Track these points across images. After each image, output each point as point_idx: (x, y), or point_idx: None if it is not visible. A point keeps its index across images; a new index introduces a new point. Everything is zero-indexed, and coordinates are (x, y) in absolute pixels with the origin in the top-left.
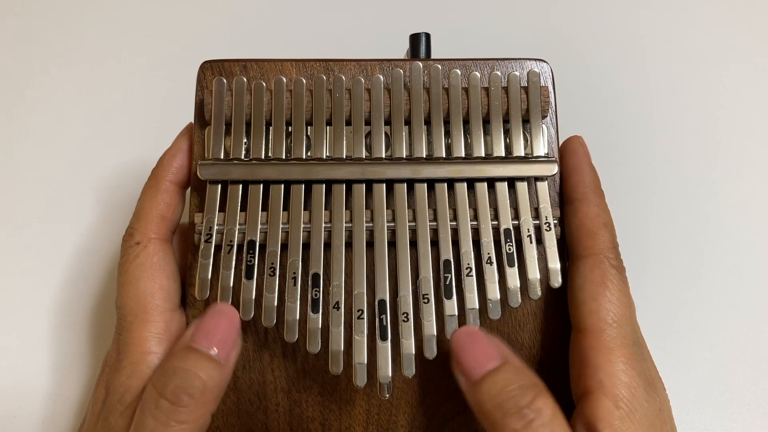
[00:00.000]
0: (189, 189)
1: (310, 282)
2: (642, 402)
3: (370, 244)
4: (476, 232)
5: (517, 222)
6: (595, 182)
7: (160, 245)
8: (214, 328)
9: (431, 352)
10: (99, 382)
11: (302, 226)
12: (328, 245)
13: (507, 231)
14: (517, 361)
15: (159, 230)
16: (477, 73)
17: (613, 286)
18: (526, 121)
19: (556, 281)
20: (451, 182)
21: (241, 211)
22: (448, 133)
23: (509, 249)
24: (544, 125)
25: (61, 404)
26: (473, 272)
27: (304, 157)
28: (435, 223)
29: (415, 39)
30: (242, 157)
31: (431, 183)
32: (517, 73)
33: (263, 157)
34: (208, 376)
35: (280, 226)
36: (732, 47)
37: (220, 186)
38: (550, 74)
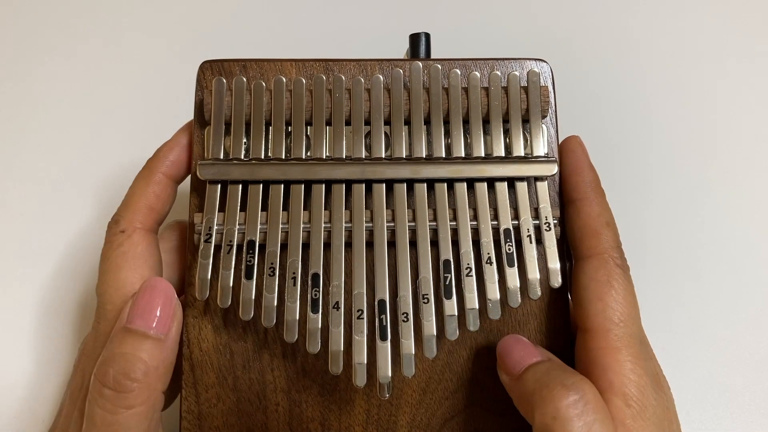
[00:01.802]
0: (189, 189)
1: (309, 282)
2: (651, 400)
3: (370, 244)
4: (476, 232)
5: (516, 222)
6: (595, 181)
7: (145, 235)
8: (148, 304)
9: (431, 352)
10: (76, 370)
11: (302, 226)
12: (327, 245)
13: (507, 231)
14: (560, 362)
15: (145, 221)
16: (477, 73)
17: (619, 286)
18: (525, 121)
19: (556, 281)
20: (450, 182)
21: (240, 211)
22: (447, 133)
23: (509, 249)
24: (543, 125)
25: (60, 404)
26: (473, 272)
27: (303, 157)
28: (435, 223)
29: (414, 39)
30: (242, 157)
31: (431, 183)
32: (516, 73)
33: (263, 157)
34: (150, 356)
35: (280, 226)
36: (732, 47)
37: (219, 186)
38: (550, 74)
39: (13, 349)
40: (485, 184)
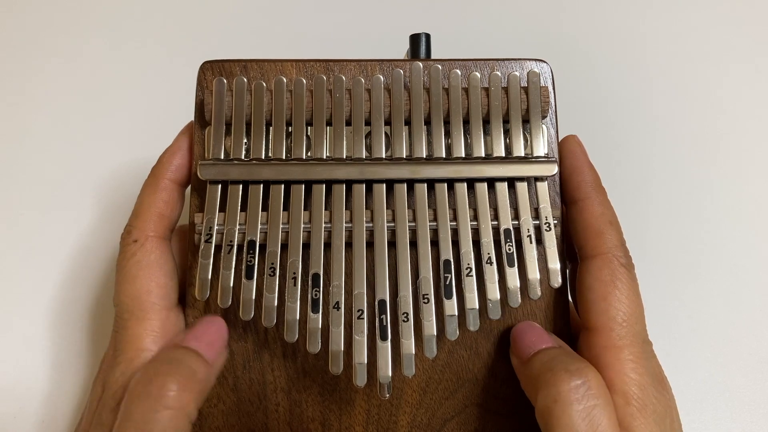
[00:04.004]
0: (189, 189)
1: (310, 282)
2: (652, 399)
3: (370, 244)
4: (476, 233)
5: (517, 222)
6: (596, 181)
7: (158, 243)
8: (203, 332)
9: (431, 351)
10: (96, 380)
11: (302, 226)
12: (328, 245)
13: (507, 231)
14: (570, 350)
15: (157, 228)
16: (477, 73)
17: (623, 285)
18: (526, 121)
19: (556, 281)
20: (451, 182)
21: (241, 211)
22: (448, 134)
23: (509, 249)
24: (543, 125)
25: (61, 404)
26: (473, 272)
27: (304, 157)
28: (435, 223)
29: (415, 39)
30: (242, 157)
31: (431, 183)
32: (517, 74)
33: (263, 158)
34: (197, 367)
35: (280, 226)
36: (732, 47)
37: (220, 186)
38: (550, 74)
39: (11, 348)
40: (485, 184)
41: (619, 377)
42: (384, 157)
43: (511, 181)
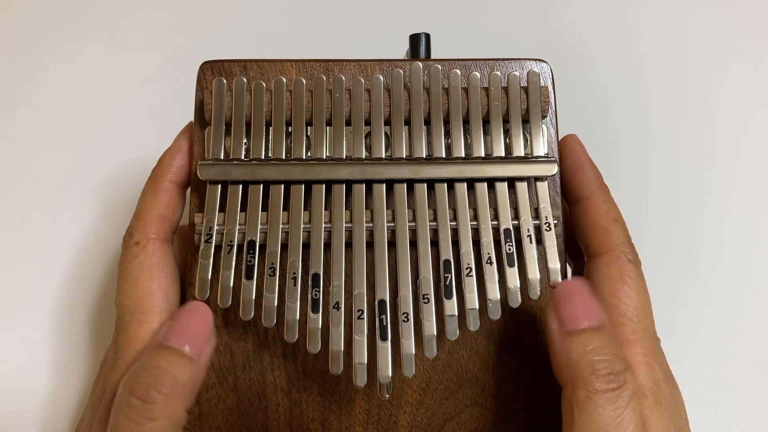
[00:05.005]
0: (189, 189)
1: (310, 282)
2: (665, 394)
3: (370, 244)
4: (476, 232)
5: (517, 222)
6: (598, 178)
7: (160, 245)
8: (186, 325)
9: (431, 351)
10: (97, 382)
11: (302, 226)
12: (328, 245)
13: (507, 231)
14: (612, 331)
15: (158, 230)
16: (477, 73)
17: (632, 281)
18: (525, 121)
19: (556, 281)
20: (451, 182)
21: (241, 211)
22: (447, 134)
23: (509, 249)
24: (543, 125)
25: (61, 404)
26: (473, 272)
27: (304, 157)
28: (435, 223)
29: (415, 39)
30: (242, 157)
31: (431, 183)
32: (516, 74)
33: (263, 158)
34: (180, 372)
35: (280, 226)
36: (732, 47)
37: (220, 186)
38: (550, 74)
39: (12, 349)
40: (485, 184)
41: (633, 370)
42: (384, 157)
43: (511, 181)
